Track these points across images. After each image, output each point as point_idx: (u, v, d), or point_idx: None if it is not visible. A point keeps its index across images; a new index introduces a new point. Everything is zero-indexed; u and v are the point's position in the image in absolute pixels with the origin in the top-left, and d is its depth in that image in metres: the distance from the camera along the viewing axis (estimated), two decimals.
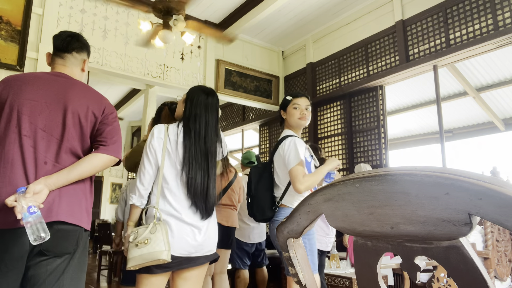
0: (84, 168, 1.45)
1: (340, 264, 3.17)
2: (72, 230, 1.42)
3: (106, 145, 1.51)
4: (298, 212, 0.66)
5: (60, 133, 1.46)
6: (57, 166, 1.44)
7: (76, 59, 1.68)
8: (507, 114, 6.22)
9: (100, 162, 1.49)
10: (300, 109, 2.29)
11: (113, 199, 9.92)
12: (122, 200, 3.30)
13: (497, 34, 3.33)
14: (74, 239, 1.43)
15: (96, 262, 6.22)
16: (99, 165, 1.49)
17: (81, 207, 1.48)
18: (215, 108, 1.84)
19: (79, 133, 1.50)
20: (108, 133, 1.54)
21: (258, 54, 5.67)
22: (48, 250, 1.36)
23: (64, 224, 1.40)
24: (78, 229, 1.44)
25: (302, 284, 0.71)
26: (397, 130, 7.55)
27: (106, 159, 1.51)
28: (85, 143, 1.53)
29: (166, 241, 1.60)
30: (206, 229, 1.75)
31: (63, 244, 1.40)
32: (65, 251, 1.40)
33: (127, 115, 9.25)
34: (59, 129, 1.47)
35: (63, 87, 1.52)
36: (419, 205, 0.50)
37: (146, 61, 4.48)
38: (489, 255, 2.88)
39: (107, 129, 1.54)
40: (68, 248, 1.41)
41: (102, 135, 1.53)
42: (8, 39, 3.48)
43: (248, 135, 7.77)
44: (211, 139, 1.79)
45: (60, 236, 1.39)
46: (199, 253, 1.73)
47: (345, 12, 4.85)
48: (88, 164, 1.46)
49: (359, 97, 4.72)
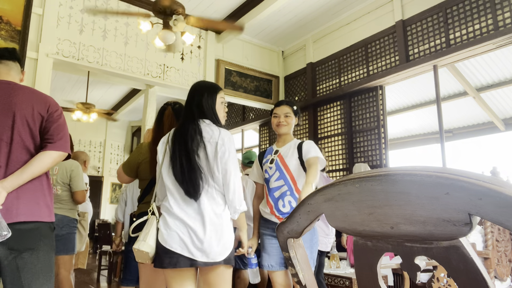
0: (36, 167, 1.55)
1: (340, 264, 3.17)
2: (33, 228, 1.55)
3: (53, 142, 1.61)
4: (298, 212, 0.66)
5: (10, 136, 1.56)
6: (10, 168, 1.53)
7: (17, 67, 1.78)
8: (507, 114, 6.22)
9: (49, 159, 1.59)
10: (277, 117, 2.39)
11: (113, 199, 9.92)
12: (122, 200, 3.30)
13: (497, 34, 3.33)
14: (37, 235, 1.55)
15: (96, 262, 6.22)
16: (49, 162, 1.59)
17: (39, 203, 1.58)
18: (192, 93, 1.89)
19: (29, 133, 1.59)
20: (54, 130, 1.63)
21: (258, 54, 5.67)
22: (13, 249, 1.49)
23: (24, 224, 1.52)
24: (39, 224, 1.57)
25: (302, 284, 0.71)
26: (397, 130, 7.55)
27: (55, 155, 1.60)
28: (36, 141, 1.63)
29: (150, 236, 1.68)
30: (203, 232, 1.64)
31: (26, 242, 1.52)
32: (29, 247, 1.52)
33: (127, 115, 9.26)
34: (9, 132, 1.56)
35: (8, 93, 1.61)
36: (419, 205, 0.50)
37: (146, 61, 4.48)
38: (489, 255, 2.88)
39: (53, 127, 1.63)
40: (32, 244, 1.53)
41: (49, 133, 1.62)
42: (8, 39, 3.48)
43: (248, 135, 7.77)
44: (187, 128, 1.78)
45: (22, 234, 1.50)
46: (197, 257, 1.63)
47: (345, 12, 4.85)
48: (39, 163, 1.56)
49: (359, 97, 4.73)
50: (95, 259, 6.99)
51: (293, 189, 2.28)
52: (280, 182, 2.29)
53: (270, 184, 2.32)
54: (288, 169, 2.29)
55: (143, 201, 2.11)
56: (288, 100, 2.56)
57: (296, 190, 2.29)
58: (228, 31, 4.97)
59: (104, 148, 10.00)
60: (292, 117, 2.39)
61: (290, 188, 2.28)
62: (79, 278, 5.32)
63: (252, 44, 5.62)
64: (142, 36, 4.42)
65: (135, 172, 2.18)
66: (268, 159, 2.39)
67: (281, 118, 2.37)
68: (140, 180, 2.20)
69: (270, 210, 2.30)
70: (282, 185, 2.29)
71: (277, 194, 2.28)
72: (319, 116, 5.27)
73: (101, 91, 7.86)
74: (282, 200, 2.27)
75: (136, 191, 3.14)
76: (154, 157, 2.07)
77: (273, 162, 2.34)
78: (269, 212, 2.30)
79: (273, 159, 2.35)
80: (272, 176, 2.32)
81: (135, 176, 2.22)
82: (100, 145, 10.00)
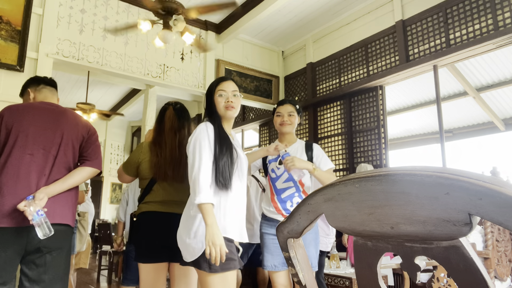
0: (75, 179, 1.87)
1: (340, 264, 3.17)
2: (64, 230, 1.83)
3: (91, 160, 1.95)
4: (298, 212, 0.66)
5: (56, 152, 1.87)
6: (51, 178, 1.82)
7: (57, 93, 2.15)
8: (507, 114, 6.22)
9: (86, 174, 1.92)
10: (281, 116, 2.37)
11: (113, 199, 9.91)
12: (124, 200, 3.30)
13: (497, 34, 3.33)
14: (65, 236, 1.84)
15: (96, 262, 6.22)
16: (86, 176, 1.92)
17: (70, 209, 1.88)
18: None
19: (71, 151, 1.92)
20: (93, 150, 1.98)
21: (258, 54, 5.67)
22: (46, 246, 1.74)
23: (59, 226, 1.78)
24: (68, 227, 1.86)
25: (302, 284, 0.71)
26: (397, 130, 7.55)
27: (92, 171, 1.94)
28: (75, 158, 1.96)
29: None
30: None
31: (57, 241, 1.78)
32: (59, 246, 1.80)
33: (127, 115, 9.25)
34: (56, 148, 1.87)
35: (56, 114, 1.95)
36: (419, 205, 0.50)
37: (146, 61, 4.48)
38: (489, 255, 2.88)
39: (92, 147, 1.99)
40: (61, 244, 1.81)
41: (87, 152, 1.97)
42: (8, 39, 3.48)
43: (248, 135, 7.77)
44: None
45: (56, 234, 1.71)
46: None
47: (345, 12, 4.85)
48: (78, 176, 1.88)
49: (359, 97, 4.73)
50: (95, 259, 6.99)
51: (300, 191, 2.28)
52: (289, 183, 2.28)
53: (277, 185, 2.30)
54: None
55: (144, 201, 2.11)
56: (291, 99, 2.55)
57: (303, 192, 2.29)
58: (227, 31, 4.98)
59: (104, 148, 9.99)
60: (295, 116, 2.38)
61: (298, 190, 2.28)
62: (79, 278, 5.32)
63: (252, 44, 5.62)
64: (142, 36, 4.42)
65: (136, 171, 2.18)
66: (274, 158, 2.36)
67: (284, 117, 2.35)
68: (141, 180, 2.20)
69: (276, 209, 2.27)
70: (290, 187, 2.27)
71: (284, 195, 2.27)
72: (319, 116, 5.27)
73: (101, 91, 7.86)
74: (290, 201, 2.26)
75: (137, 191, 3.14)
76: (154, 156, 2.08)
77: (282, 163, 2.31)
78: (275, 211, 2.27)
79: (281, 160, 2.30)
80: (280, 176, 2.29)
81: (135, 175, 2.22)
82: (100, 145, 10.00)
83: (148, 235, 2.00)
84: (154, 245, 1.96)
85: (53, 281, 1.76)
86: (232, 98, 1.80)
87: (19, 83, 3.65)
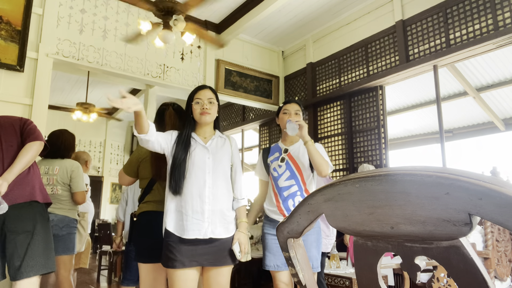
0: (26, 157, 2.01)
1: (340, 264, 3.17)
2: (30, 208, 2.00)
3: (30, 136, 2.09)
4: (298, 212, 0.66)
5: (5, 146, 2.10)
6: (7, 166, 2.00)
7: None
8: (507, 114, 6.22)
9: (34, 148, 2.04)
10: (289, 113, 2.39)
11: (113, 199, 9.91)
12: (123, 200, 3.30)
13: (497, 34, 3.33)
14: (31, 213, 2.01)
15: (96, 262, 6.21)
16: (35, 150, 2.04)
17: (33, 187, 2.06)
18: None
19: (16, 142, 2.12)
20: (30, 129, 2.14)
21: (258, 54, 5.67)
22: (10, 230, 1.93)
23: (22, 205, 1.97)
24: (38, 204, 2.04)
25: (302, 284, 0.71)
26: (397, 130, 7.55)
27: (36, 144, 2.07)
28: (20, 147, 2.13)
29: None
30: None
31: (23, 223, 1.96)
32: (26, 229, 1.96)
33: (127, 115, 9.25)
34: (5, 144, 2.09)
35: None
36: (419, 205, 0.50)
37: (146, 61, 4.48)
38: (489, 255, 2.88)
39: (27, 128, 2.15)
40: (28, 225, 1.97)
41: (26, 133, 2.13)
42: (8, 39, 3.48)
43: (248, 135, 7.77)
44: None
45: (20, 216, 1.94)
46: None
47: (345, 12, 4.85)
48: (28, 153, 2.02)
49: (359, 97, 4.73)
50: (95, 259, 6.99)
51: (302, 189, 2.27)
52: (290, 181, 2.27)
53: (279, 183, 2.29)
54: (299, 168, 2.28)
55: (144, 201, 2.11)
56: (297, 99, 2.59)
57: (305, 190, 2.28)
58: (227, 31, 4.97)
59: (104, 148, 9.99)
60: (300, 115, 2.40)
61: (300, 188, 2.27)
62: (79, 278, 5.32)
63: (252, 44, 5.62)
64: (142, 36, 4.41)
65: (136, 171, 2.19)
66: (276, 157, 2.36)
67: (292, 115, 2.36)
68: (141, 180, 2.20)
69: (278, 209, 2.26)
70: (292, 185, 2.27)
71: (287, 194, 2.26)
72: (319, 116, 5.27)
73: (101, 91, 7.85)
74: (292, 200, 2.25)
75: (137, 190, 3.14)
76: (154, 156, 2.08)
77: (284, 161, 2.32)
78: (276, 211, 2.27)
79: (283, 158, 2.32)
80: (281, 175, 2.29)
81: (136, 176, 2.22)
82: (100, 145, 10.00)
83: (148, 235, 2.00)
84: (154, 245, 1.96)
85: (29, 262, 1.92)
86: (207, 105, 1.96)
87: (19, 83, 3.66)
